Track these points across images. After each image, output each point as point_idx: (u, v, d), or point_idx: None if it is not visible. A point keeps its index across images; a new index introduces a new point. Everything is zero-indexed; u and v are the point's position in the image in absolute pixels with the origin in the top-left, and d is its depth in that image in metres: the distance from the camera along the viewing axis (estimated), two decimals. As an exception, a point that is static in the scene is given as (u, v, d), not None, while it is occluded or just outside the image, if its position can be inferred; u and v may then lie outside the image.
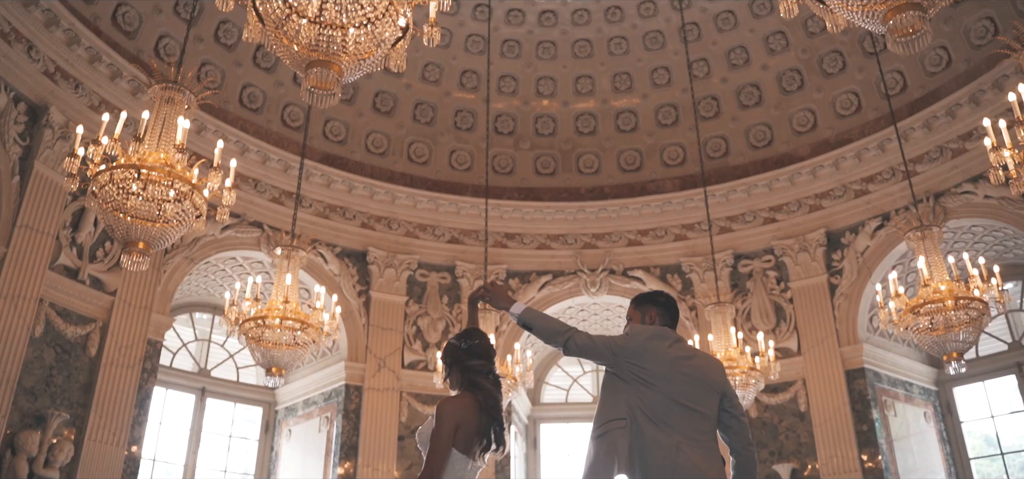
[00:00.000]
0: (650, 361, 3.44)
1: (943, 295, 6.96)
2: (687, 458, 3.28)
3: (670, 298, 3.83)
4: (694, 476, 3.25)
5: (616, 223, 11.30)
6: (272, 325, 6.84)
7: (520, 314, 3.65)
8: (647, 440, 3.27)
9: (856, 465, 9.45)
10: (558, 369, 12.04)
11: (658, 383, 3.40)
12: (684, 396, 3.41)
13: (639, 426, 3.30)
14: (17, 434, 7.76)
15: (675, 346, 3.59)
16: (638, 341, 3.51)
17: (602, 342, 3.56)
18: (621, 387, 3.45)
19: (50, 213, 8.35)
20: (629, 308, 3.84)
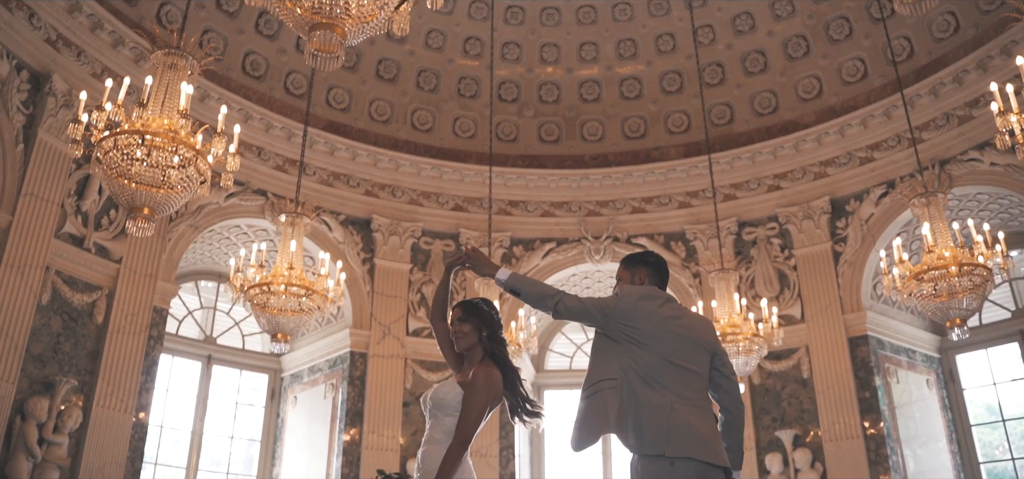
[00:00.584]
0: (641, 321, 3.42)
1: (947, 261, 6.96)
2: (681, 417, 3.26)
3: (660, 258, 3.80)
4: (688, 434, 3.24)
5: (620, 190, 11.28)
6: (277, 291, 6.87)
7: (506, 280, 3.58)
8: (640, 400, 3.26)
9: (858, 431, 9.51)
10: (562, 336, 12.09)
11: (650, 343, 3.38)
12: (676, 355, 3.40)
13: (631, 386, 3.29)
14: (26, 400, 7.85)
15: (666, 305, 3.57)
16: (629, 301, 3.48)
17: (592, 304, 3.53)
18: (612, 348, 3.43)
19: (55, 181, 8.37)
20: (619, 269, 3.79)
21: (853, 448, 9.46)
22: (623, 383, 3.30)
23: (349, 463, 9.81)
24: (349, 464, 9.81)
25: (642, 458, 3.20)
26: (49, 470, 7.86)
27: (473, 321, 3.66)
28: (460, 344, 3.63)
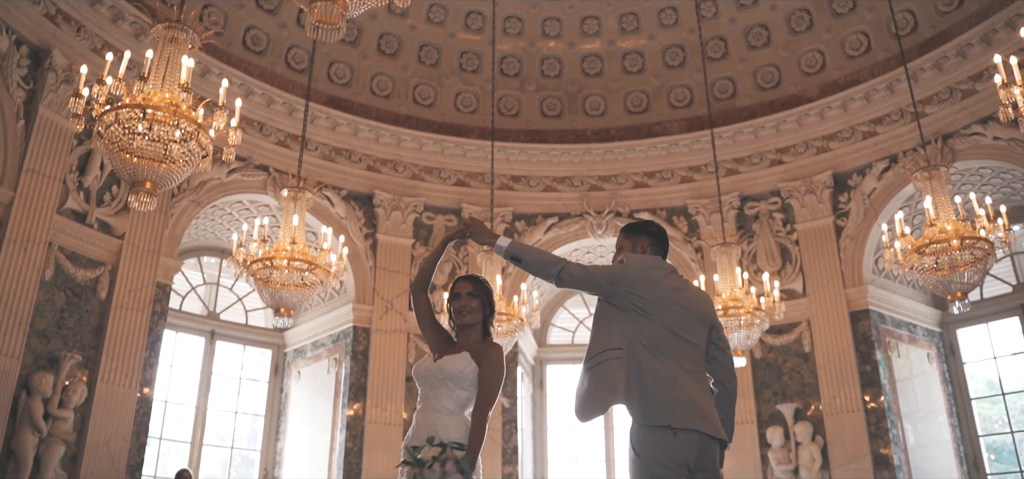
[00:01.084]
0: (648, 290, 3.39)
1: (949, 235, 6.96)
2: (684, 390, 3.27)
3: (661, 228, 3.78)
4: (691, 407, 3.25)
5: (622, 165, 11.27)
6: (280, 266, 6.89)
7: (506, 248, 3.54)
8: (645, 371, 3.25)
9: (859, 405, 9.55)
10: (564, 311, 12.12)
11: (656, 313, 3.36)
12: (680, 327, 3.39)
13: (636, 357, 3.28)
14: (31, 375, 7.90)
15: (670, 276, 3.55)
16: (636, 270, 3.45)
17: (598, 272, 3.49)
18: (616, 317, 3.40)
19: (56, 157, 8.37)
20: (619, 238, 3.75)
21: (854, 422, 9.51)
22: (628, 353, 3.28)
23: (353, 437, 9.88)
24: (353, 438, 9.87)
25: (644, 427, 3.21)
26: (55, 444, 7.92)
27: (483, 298, 3.71)
28: (466, 318, 3.65)
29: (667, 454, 3.14)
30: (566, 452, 11.53)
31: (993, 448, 10.23)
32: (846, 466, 9.39)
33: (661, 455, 3.14)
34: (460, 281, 3.77)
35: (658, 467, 3.13)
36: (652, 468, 3.14)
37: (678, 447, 3.14)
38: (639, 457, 3.18)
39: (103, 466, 8.19)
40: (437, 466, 3.18)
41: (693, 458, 3.18)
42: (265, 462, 10.70)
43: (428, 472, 3.19)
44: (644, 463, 3.16)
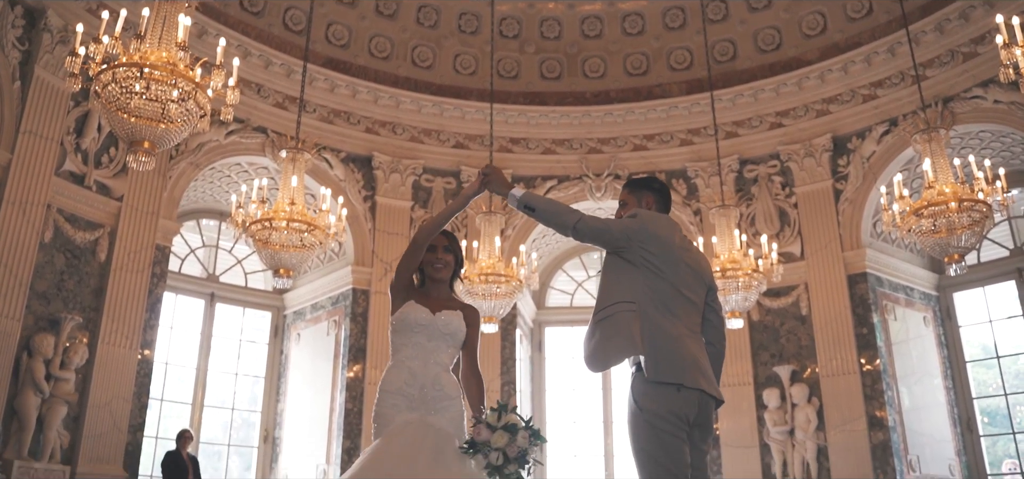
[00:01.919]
0: (660, 247, 3.38)
1: (947, 197, 6.96)
2: (688, 349, 3.30)
3: (664, 184, 3.75)
4: (696, 367, 3.28)
5: (622, 128, 11.23)
6: (279, 227, 6.89)
7: (521, 197, 3.45)
8: (655, 326, 3.26)
9: (855, 367, 9.62)
10: (563, 274, 12.16)
11: (666, 271, 3.36)
12: (686, 286, 3.40)
13: (647, 313, 3.27)
14: (32, 337, 7.95)
15: (678, 234, 3.55)
16: (651, 226, 3.42)
17: (615, 226, 3.42)
18: (626, 271, 3.38)
19: (53, 118, 8.34)
20: (623, 192, 3.71)
21: (849, 384, 9.59)
22: (640, 308, 3.29)
23: (352, 398, 9.96)
24: (352, 399, 9.95)
25: (650, 382, 3.24)
26: (57, 405, 7.99)
27: (456, 253, 3.71)
28: (442, 273, 3.62)
29: (669, 409, 3.17)
30: (564, 414, 11.64)
31: (987, 411, 10.33)
32: (841, 427, 9.48)
33: (664, 409, 3.17)
34: (441, 235, 3.67)
35: (660, 421, 3.17)
36: (655, 421, 3.17)
37: (681, 403, 3.19)
38: (642, 410, 3.21)
39: (105, 426, 8.27)
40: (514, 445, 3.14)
41: (693, 414, 3.23)
42: (266, 423, 10.79)
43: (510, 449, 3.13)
44: (647, 416, 3.19)
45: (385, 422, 3.33)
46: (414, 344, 3.49)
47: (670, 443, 3.16)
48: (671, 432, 3.16)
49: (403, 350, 3.48)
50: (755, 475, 9.74)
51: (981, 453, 9.91)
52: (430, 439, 3.24)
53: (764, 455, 9.82)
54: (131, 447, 8.55)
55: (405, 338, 3.49)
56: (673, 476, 3.14)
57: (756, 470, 9.76)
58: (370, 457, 3.19)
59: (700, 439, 3.32)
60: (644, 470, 3.21)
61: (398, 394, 3.36)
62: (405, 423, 3.29)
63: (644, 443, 3.20)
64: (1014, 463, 9.76)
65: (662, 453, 3.15)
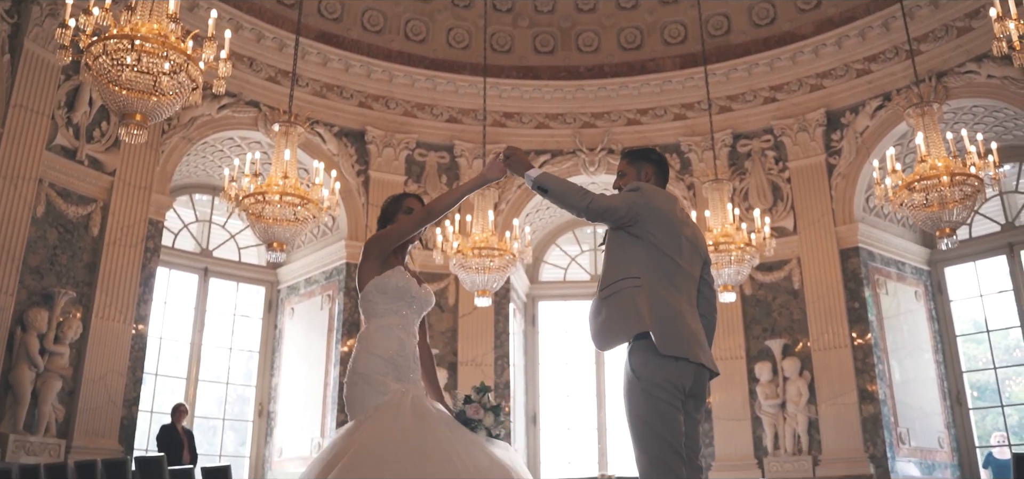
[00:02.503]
0: (662, 221, 3.42)
1: (939, 171, 6.98)
2: (687, 325, 3.35)
3: (663, 156, 3.77)
4: (696, 340, 3.35)
5: (615, 102, 11.21)
6: (272, 201, 6.88)
7: (535, 178, 3.47)
8: (660, 303, 3.30)
9: (846, 341, 9.70)
10: (556, 248, 12.18)
11: (669, 245, 3.40)
12: (686, 261, 3.44)
13: (652, 288, 3.31)
14: (26, 311, 7.95)
15: (678, 208, 3.59)
16: (656, 202, 3.45)
17: (621, 203, 3.42)
18: (631, 245, 3.40)
19: (43, 92, 8.28)
20: (622, 163, 3.73)
21: (841, 357, 9.67)
22: (644, 283, 3.32)
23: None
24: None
25: (648, 351, 3.27)
26: (52, 379, 8.01)
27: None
28: (415, 239, 3.60)
29: (667, 378, 3.23)
30: (558, 387, 11.70)
31: (976, 386, 10.43)
32: (832, 401, 9.57)
33: (661, 378, 3.23)
34: (412, 197, 3.63)
35: (657, 389, 3.22)
36: (651, 390, 3.23)
37: (678, 373, 3.25)
38: (639, 379, 3.26)
39: (100, 401, 8.30)
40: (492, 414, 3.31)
41: (689, 384, 3.29)
42: (260, 397, 10.83)
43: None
44: (644, 385, 3.24)
45: (377, 389, 3.25)
46: (400, 313, 3.43)
47: (666, 411, 3.21)
48: (667, 400, 3.22)
49: (389, 317, 3.40)
50: (746, 447, 9.84)
51: (970, 426, 10.02)
52: (436, 410, 3.26)
53: (755, 428, 9.91)
54: (126, 421, 8.58)
55: (393, 304, 3.42)
56: (668, 443, 3.20)
57: (747, 443, 9.85)
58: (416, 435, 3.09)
59: (694, 409, 3.38)
60: (639, 437, 3.26)
61: (390, 363, 3.31)
62: (418, 397, 3.25)
63: (640, 411, 3.25)
64: (1002, 436, 9.87)
65: (658, 421, 3.21)
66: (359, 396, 3.25)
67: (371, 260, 3.43)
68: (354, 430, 3.12)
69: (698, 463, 3.38)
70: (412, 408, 3.15)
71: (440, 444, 3.05)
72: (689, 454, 3.31)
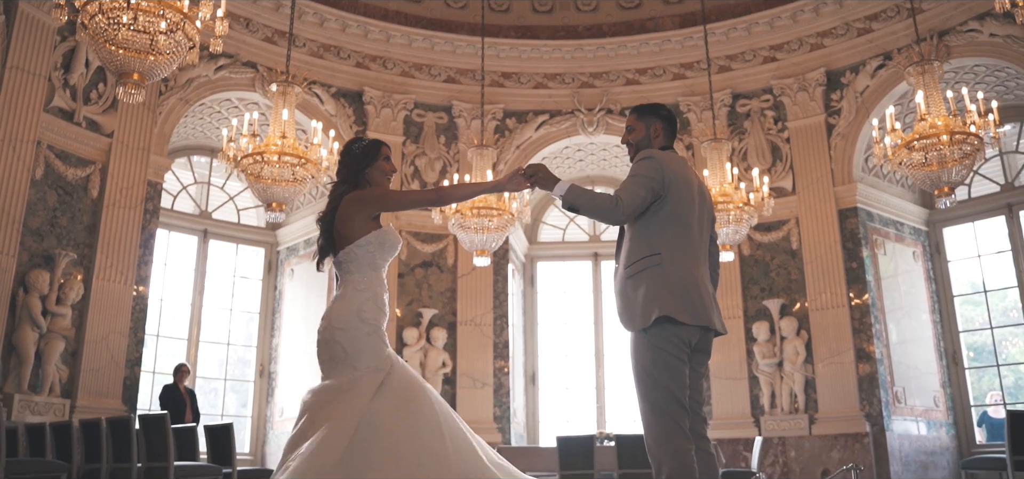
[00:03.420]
0: (678, 188, 3.44)
1: (939, 130, 6.97)
2: (707, 291, 3.45)
3: (671, 112, 3.78)
4: (710, 304, 3.43)
5: (614, 62, 11.15)
6: (270, 161, 6.88)
7: (566, 197, 3.44)
8: (680, 276, 3.35)
9: (844, 301, 9.75)
10: (555, 209, 12.18)
11: (687, 211, 3.45)
12: (700, 224, 3.51)
13: (673, 262, 3.36)
14: (27, 273, 8.00)
15: (691, 171, 3.63)
16: (671, 172, 3.45)
17: (646, 190, 3.40)
18: (652, 219, 3.43)
19: (40, 54, 8.25)
20: (631, 118, 3.72)
21: (838, 317, 9.73)
22: (667, 258, 3.37)
23: (347, 333, 10.03)
24: (347, 334, 10.02)
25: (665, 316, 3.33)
26: (55, 340, 8.08)
27: None
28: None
29: (676, 334, 3.31)
30: (556, 347, 11.78)
31: (973, 346, 10.50)
32: (829, 360, 9.65)
33: (671, 334, 3.31)
34: (386, 146, 3.56)
35: (664, 343, 3.30)
36: (659, 343, 3.31)
37: (687, 331, 3.34)
38: (647, 334, 3.33)
39: (103, 361, 8.37)
40: None
41: (695, 340, 3.39)
42: (261, 358, 10.91)
43: None
44: (651, 338, 3.32)
45: (382, 339, 3.24)
46: (381, 273, 3.38)
47: (672, 364, 3.30)
48: (674, 354, 3.31)
49: (380, 272, 3.35)
50: (743, 406, 9.94)
51: (966, 386, 10.11)
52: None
53: (753, 387, 10.01)
54: (129, 381, 8.66)
55: (385, 257, 3.37)
56: (672, 395, 3.29)
57: (744, 402, 9.95)
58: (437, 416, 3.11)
59: (699, 363, 3.48)
60: (645, 389, 3.34)
61: (383, 315, 3.28)
62: (413, 372, 3.27)
63: (647, 363, 3.33)
64: (998, 395, 9.96)
65: (664, 373, 3.29)
66: (371, 345, 3.21)
67: (367, 214, 3.35)
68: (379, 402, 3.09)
69: (702, 415, 3.47)
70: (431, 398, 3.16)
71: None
72: (693, 406, 3.41)
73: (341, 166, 3.46)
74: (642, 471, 8.15)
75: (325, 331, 3.22)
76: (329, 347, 3.19)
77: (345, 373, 3.15)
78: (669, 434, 3.25)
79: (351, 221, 3.31)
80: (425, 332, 10.29)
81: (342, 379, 3.14)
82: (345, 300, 3.25)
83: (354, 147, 3.46)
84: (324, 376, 3.21)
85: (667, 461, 3.23)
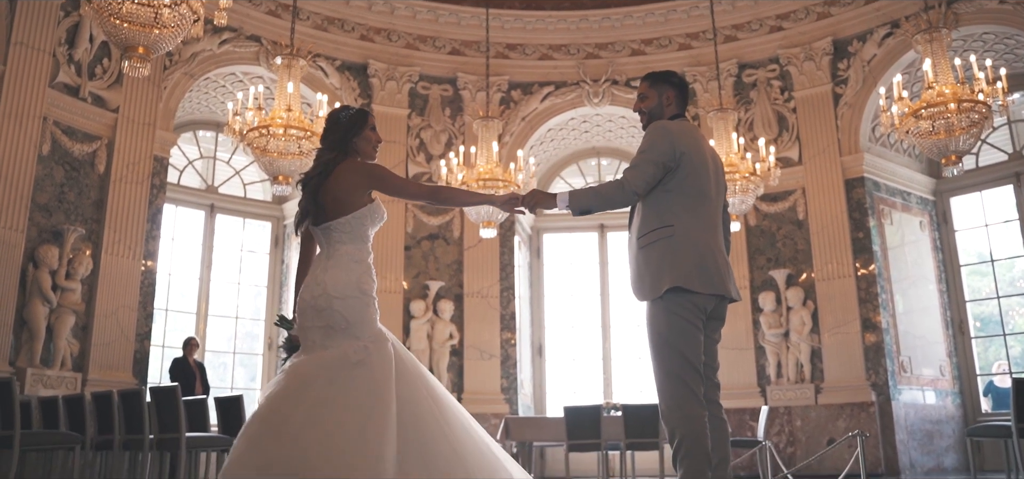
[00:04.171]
0: (690, 158, 3.43)
1: (946, 98, 6.92)
2: (723, 258, 3.47)
3: (683, 78, 3.77)
4: (726, 273, 3.45)
5: (619, 32, 11.08)
6: (276, 134, 6.89)
7: (572, 206, 3.43)
8: (692, 246, 3.37)
9: (850, 271, 9.75)
10: (561, 180, 12.16)
11: (699, 180, 3.45)
12: (713, 191, 3.51)
13: (686, 233, 3.37)
14: (37, 248, 8.06)
15: (702, 139, 3.62)
16: (682, 144, 3.44)
17: (655, 165, 3.40)
18: (663, 190, 3.43)
19: (43, 29, 8.26)
20: (643, 86, 3.70)
21: (844, 287, 9.73)
22: (679, 229, 3.38)
23: (354, 306, 10.07)
24: (354, 307, 10.07)
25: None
26: (65, 314, 8.16)
27: None
28: None
29: (691, 302, 3.35)
30: (563, 319, 11.82)
31: (980, 316, 10.50)
32: (835, 330, 9.67)
33: (686, 301, 3.34)
34: (371, 114, 3.52)
35: (680, 308, 3.33)
36: (674, 308, 3.33)
37: (704, 299, 3.38)
38: (663, 301, 3.36)
39: (113, 335, 8.45)
40: None
41: (710, 307, 3.42)
42: (269, 332, 10.97)
43: None
44: (667, 304, 3.34)
45: (376, 311, 3.25)
46: (369, 244, 3.37)
47: (687, 330, 3.33)
48: (689, 320, 3.34)
49: (363, 245, 3.32)
50: (750, 377, 9.97)
51: (972, 355, 10.13)
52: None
53: (759, 357, 10.04)
54: (139, 355, 8.74)
55: (371, 231, 3.36)
56: (687, 360, 3.32)
57: (751, 372, 9.99)
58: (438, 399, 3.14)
59: (713, 330, 3.51)
60: (660, 356, 3.37)
61: (373, 302, 3.27)
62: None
63: (662, 328, 3.36)
64: (1004, 364, 9.97)
65: (679, 338, 3.32)
66: (371, 316, 3.21)
67: (368, 188, 3.34)
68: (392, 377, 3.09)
69: (716, 381, 3.50)
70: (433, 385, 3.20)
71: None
72: (707, 372, 3.45)
73: (328, 133, 3.42)
74: (649, 440, 8.22)
75: (321, 298, 3.16)
76: (325, 315, 3.15)
77: (345, 342, 3.14)
78: (683, 400, 3.29)
79: (353, 191, 3.28)
80: (432, 304, 10.35)
81: (345, 348, 3.13)
82: (342, 270, 3.22)
83: (341, 115, 3.45)
84: (315, 343, 3.16)
85: (680, 427, 3.28)
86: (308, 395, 2.99)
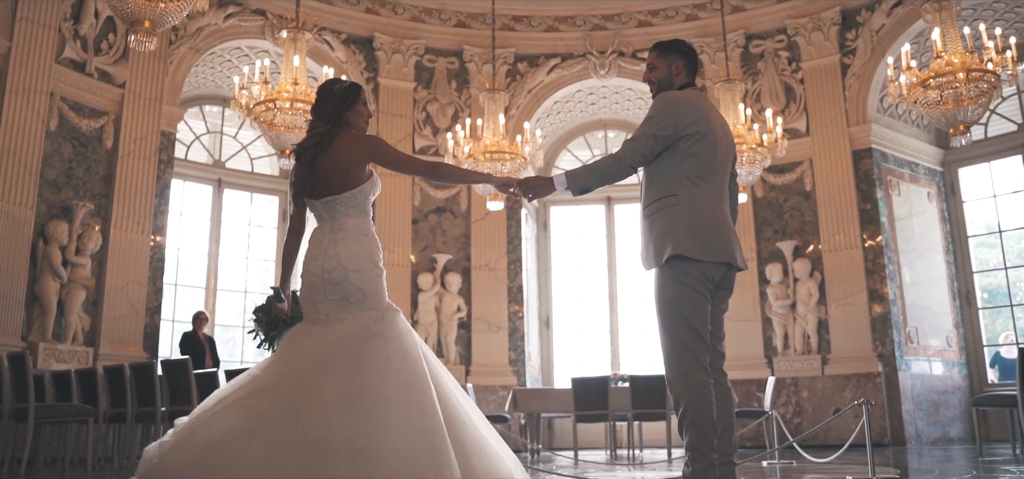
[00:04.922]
0: (700, 129, 3.43)
1: (955, 68, 6.87)
2: (729, 227, 3.48)
3: (692, 47, 3.73)
4: (733, 241, 3.45)
5: (626, 4, 11.00)
6: (283, 108, 6.90)
7: (571, 187, 3.44)
8: (697, 216, 3.37)
9: (857, 243, 9.74)
10: (568, 152, 12.16)
11: (704, 148, 3.43)
12: (722, 162, 3.51)
13: (690, 202, 3.38)
14: (46, 224, 8.12)
15: (708, 106, 3.61)
16: (691, 111, 3.44)
17: (654, 139, 3.40)
18: (668, 159, 3.43)
19: (49, 5, 8.28)
20: (651, 56, 3.68)
21: (851, 258, 9.73)
22: (682, 198, 3.39)
23: (362, 279, 10.12)
24: (362, 280, 10.11)
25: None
26: (76, 290, 8.23)
27: None
28: None
29: (698, 270, 3.36)
30: (570, 291, 11.86)
31: (987, 288, 10.49)
32: (842, 302, 9.68)
33: (693, 269, 3.35)
34: (363, 88, 3.51)
35: (687, 276, 3.35)
36: (682, 277, 3.35)
37: (711, 268, 3.39)
38: (672, 269, 3.37)
39: (123, 310, 8.52)
40: None
41: (718, 276, 3.44)
42: (278, 305, 11.01)
43: None
44: (676, 274, 3.36)
45: (382, 294, 3.25)
46: (370, 216, 3.39)
47: (695, 298, 3.35)
48: (697, 288, 3.36)
49: (366, 218, 3.34)
50: (757, 348, 10.01)
51: (979, 326, 10.13)
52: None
53: (766, 328, 10.07)
54: (149, 329, 8.82)
55: (370, 204, 3.37)
56: (693, 328, 3.34)
57: (758, 343, 10.02)
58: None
59: (720, 300, 3.52)
60: (666, 321, 3.39)
61: (383, 274, 3.29)
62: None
63: (670, 294, 3.38)
64: (1011, 335, 9.98)
65: (687, 306, 3.34)
66: (383, 286, 3.25)
67: (370, 161, 3.34)
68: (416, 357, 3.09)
69: (720, 350, 3.52)
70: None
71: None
72: (713, 340, 3.47)
73: (321, 105, 3.40)
74: (656, 410, 8.27)
75: (335, 271, 3.17)
76: (340, 288, 3.17)
77: (363, 313, 3.17)
78: (689, 368, 3.32)
79: (357, 165, 3.28)
80: (440, 277, 10.39)
81: (363, 318, 3.15)
82: (353, 242, 3.23)
83: (334, 87, 3.44)
84: (330, 316, 3.17)
85: (686, 394, 3.31)
86: (338, 365, 2.99)
